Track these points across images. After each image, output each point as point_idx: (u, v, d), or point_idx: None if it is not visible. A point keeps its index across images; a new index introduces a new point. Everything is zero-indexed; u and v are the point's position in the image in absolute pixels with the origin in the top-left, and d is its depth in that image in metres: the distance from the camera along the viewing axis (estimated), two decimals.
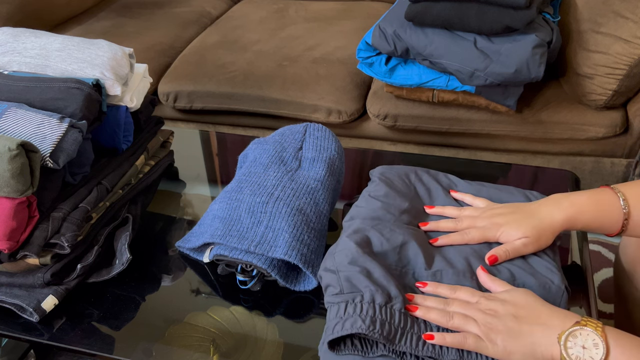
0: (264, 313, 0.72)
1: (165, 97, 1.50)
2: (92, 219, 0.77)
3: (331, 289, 0.62)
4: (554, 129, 1.27)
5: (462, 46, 1.16)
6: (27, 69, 0.80)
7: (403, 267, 0.66)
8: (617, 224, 0.66)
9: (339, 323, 0.58)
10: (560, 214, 0.66)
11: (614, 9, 1.15)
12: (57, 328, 0.72)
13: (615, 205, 0.65)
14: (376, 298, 0.59)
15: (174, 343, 0.69)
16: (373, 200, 0.74)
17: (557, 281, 0.63)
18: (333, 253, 0.66)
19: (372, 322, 0.57)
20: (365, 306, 0.58)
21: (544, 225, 0.66)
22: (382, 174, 0.79)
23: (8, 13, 1.60)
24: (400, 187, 0.77)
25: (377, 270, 0.62)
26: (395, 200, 0.74)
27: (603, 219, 0.66)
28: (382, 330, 0.56)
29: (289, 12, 1.77)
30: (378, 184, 0.77)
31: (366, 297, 0.59)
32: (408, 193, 0.77)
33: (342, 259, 0.64)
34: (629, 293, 0.82)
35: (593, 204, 0.66)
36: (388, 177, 0.78)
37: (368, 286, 0.60)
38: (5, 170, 0.63)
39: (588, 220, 0.66)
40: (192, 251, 0.79)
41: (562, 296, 0.63)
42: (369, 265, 0.62)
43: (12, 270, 0.72)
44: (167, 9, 1.85)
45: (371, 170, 0.82)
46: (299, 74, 1.43)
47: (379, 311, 0.58)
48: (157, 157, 0.95)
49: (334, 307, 0.60)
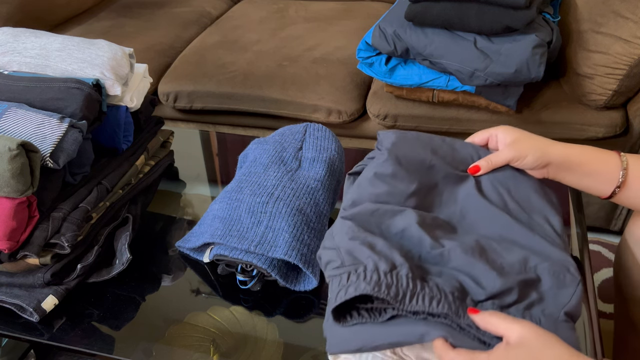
0: (264, 313, 0.72)
1: (165, 97, 1.50)
2: (92, 219, 0.77)
3: (332, 263, 0.59)
4: (554, 129, 1.27)
5: (462, 46, 1.16)
6: (27, 69, 0.80)
7: (407, 252, 0.61)
8: (609, 186, 0.67)
9: (342, 290, 0.54)
10: (560, 145, 0.68)
11: (614, 9, 1.15)
12: (57, 328, 0.72)
13: (614, 168, 0.66)
14: (380, 266, 0.55)
15: (174, 343, 0.69)
16: (378, 182, 0.68)
17: (572, 269, 0.60)
18: (332, 234, 0.62)
19: (377, 285, 0.53)
20: (369, 273, 0.55)
21: (539, 144, 0.68)
22: (393, 145, 0.71)
23: (8, 13, 1.60)
24: (412, 163, 0.70)
25: (380, 242, 0.58)
26: (402, 183, 0.68)
27: (597, 174, 0.67)
28: (389, 292, 0.53)
29: (289, 12, 1.78)
30: (387, 159, 0.70)
31: (369, 266, 0.56)
32: (419, 170, 0.70)
33: (342, 237, 0.60)
34: (629, 293, 0.82)
35: (594, 156, 0.67)
36: (399, 150, 0.71)
37: (370, 256, 0.56)
38: (5, 170, 0.63)
39: (582, 167, 0.67)
40: (192, 251, 0.79)
41: (577, 286, 0.59)
42: (370, 239, 0.59)
43: (12, 270, 0.72)
44: (167, 9, 1.85)
45: (381, 132, 0.74)
46: (299, 74, 1.43)
47: (384, 276, 0.55)
48: (157, 157, 0.95)
49: (336, 279, 0.57)
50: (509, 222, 0.66)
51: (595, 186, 0.68)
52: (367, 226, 0.62)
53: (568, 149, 0.68)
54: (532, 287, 0.59)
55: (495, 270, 0.58)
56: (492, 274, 0.58)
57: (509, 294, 0.58)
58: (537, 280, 0.59)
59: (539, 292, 0.59)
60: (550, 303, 0.58)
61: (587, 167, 0.67)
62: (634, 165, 0.67)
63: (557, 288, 0.59)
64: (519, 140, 0.69)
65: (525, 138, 0.69)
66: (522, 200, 0.69)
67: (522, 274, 0.59)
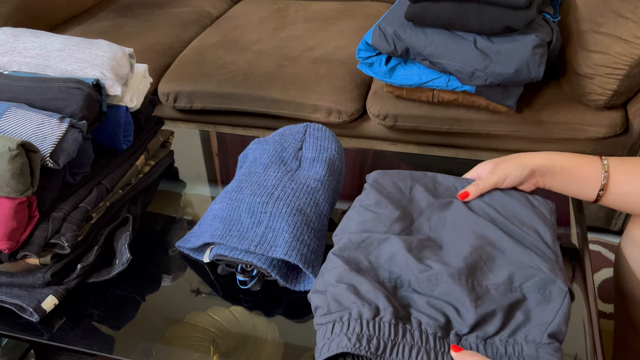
0: (264, 313, 0.72)
1: (165, 97, 1.50)
2: (92, 219, 0.77)
3: (320, 310, 0.61)
4: (554, 129, 1.27)
5: (462, 46, 1.16)
6: (27, 69, 0.80)
7: (397, 278, 0.64)
8: (593, 191, 0.68)
9: (325, 345, 0.57)
10: (539, 156, 0.70)
11: (614, 9, 1.15)
12: (57, 328, 0.72)
13: (595, 173, 0.68)
14: (363, 313, 0.58)
15: (174, 343, 0.69)
16: (363, 211, 0.72)
17: (559, 282, 0.61)
18: (323, 273, 0.65)
19: (359, 339, 0.56)
20: (352, 323, 0.57)
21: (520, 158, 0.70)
22: (374, 181, 0.78)
23: (8, 13, 1.60)
24: (393, 193, 0.75)
25: (365, 285, 0.61)
26: (387, 209, 0.72)
27: (579, 179, 0.69)
28: (369, 346, 0.55)
29: (289, 12, 1.78)
30: (369, 191, 0.75)
31: (353, 314, 0.58)
32: (401, 200, 0.75)
33: (329, 278, 0.63)
34: (629, 293, 0.82)
35: (575, 162, 0.69)
36: (380, 184, 0.77)
37: (355, 302, 0.59)
38: (5, 170, 0.63)
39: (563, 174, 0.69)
40: (192, 251, 0.79)
41: (563, 299, 0.60)
42: (355, 281, 0.61)
43: (12, 270, 0.72)
44: (167, 9, 1.85)
45: (367, 174, 0.81)
46: (299, 74, 1.43)
47: (366, 326, 0.57)
48: (157, 157, 0.95)
49: (322, 328, 0.59)
50: (499, 236, 0.68)
51: (581, 191, 0.70)
52: (356, 259, 0.65)
53: (550, 157, 0.70)
54: (517, 308, 0.61)
55: (473, 299, 0.60)
56: (469, 304, 0.60)
57: (491, 320, 0.60)
58: (522, 300, 0.61)
59: (525, 312, 0.61)
60: (535, 323, 0.60)
61: (571, 174, 0.70)
62: (614, 167, 0.68)
63: (543, 304, 0.60)
64: (499, 163, 0.73)
65: (505, 160, 0.73)
66: (511, 216, 0.71)
67: (507, 294, 0.61)
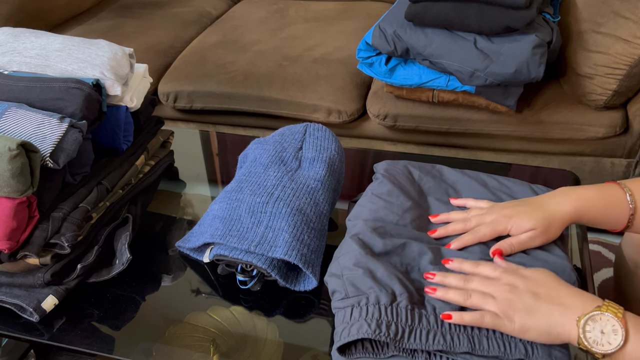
0: (264, 313, 0.72)
1: (165, 97, 1.50)
2: (92, 219, 0.77)
3: (337, 294, 0.62)
4: (554, 129, 1.27)
5: (462, 46, 1.16)
6: (27, 69, 0.80)
7: (407, 264, 0.65)
8: (623, 219, 0.66)
9: (345, 329, 0.58)
10: (568, 205, 0.66)
11: (614, 9, 1.15)
12: (57, 328, 0.72)
13: (622, 201, 0.65)
14: (381, 299, 0.59)
15: (174, 343, 0.69)
16: (376, 199, 0.73)
17: (569, 270, 0.63)
18: (337, 257, 0.66)
19: (378, 325, 0.57)
20: (370, 309, 0.58)
21: (554, 217, 0.66)
22: (386, 170, 0.78)
23: (8, 13, 1.60)
24: (405, 184, 0.76)
25: (380, 270, 0.62)
26: (399, 199, 0.73)
27: (610, 213, 0.66)
28: (389, 332, 0.56)
29: (289, 12, 1.78)
30: (382, 181, 0.76)
31: (371, 299, 0.59)
32: (412, 190, 0.76)
33: (345, 261, 0.64)
34: (629, 293, 0.82)
35: (601, 197, 0.66)
36: (392, 174, 0.77)
37: (372, 287, 0.60)
38: (5, 170, 0.63)
39: (595, 214, 0.66)
40: (192, 251, 0.79)
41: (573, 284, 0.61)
42: (371, 265, 0.62)
43: (12, 270, 0.72)
44: (167, 9, 1.85)
45: (375, 164, 0.81)
46: (299, 74, 1.43)
47: (385, 312, 0.58)
48: (157, 157, 0.95)
49: (341, 312, 0.60)
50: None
51: (610, 225, 0.67)
52: (370, 243, 0.66)
53: (578, 205, 0.66)
54: None
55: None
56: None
57: None
58: None
59: None
60: None
61: (600, 218, 0.67)
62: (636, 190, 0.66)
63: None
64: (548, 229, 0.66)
65: (543, 223, 0.66)
66: None
67: None
